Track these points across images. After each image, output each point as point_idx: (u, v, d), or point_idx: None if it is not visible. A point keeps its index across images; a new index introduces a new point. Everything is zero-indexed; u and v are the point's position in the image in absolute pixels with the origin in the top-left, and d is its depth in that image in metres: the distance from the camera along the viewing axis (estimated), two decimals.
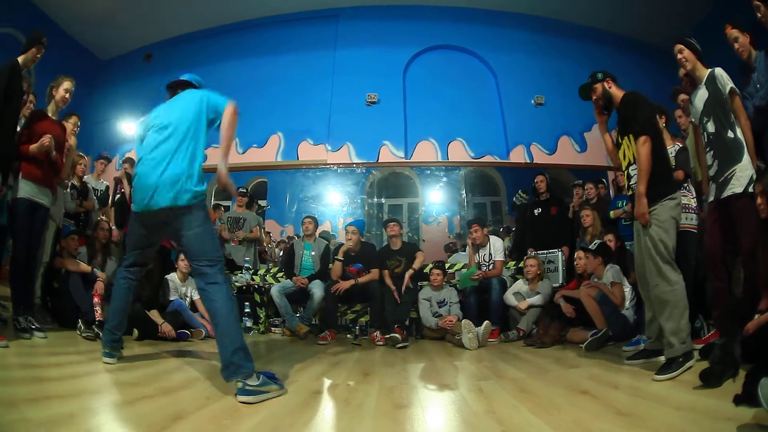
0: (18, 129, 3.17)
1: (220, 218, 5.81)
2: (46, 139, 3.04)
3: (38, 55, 3.04)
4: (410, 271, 4.31)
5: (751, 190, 2.36)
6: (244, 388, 1.75)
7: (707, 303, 2.89)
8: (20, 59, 2.94)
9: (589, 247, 4.02)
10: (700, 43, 2.70)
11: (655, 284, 2.30)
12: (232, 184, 2.24)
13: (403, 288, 4.24)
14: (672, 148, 3.17)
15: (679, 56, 2.69)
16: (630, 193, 2.58)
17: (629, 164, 2.50)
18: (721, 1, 6.42)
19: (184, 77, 2.51)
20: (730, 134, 2.49)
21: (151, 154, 2.18)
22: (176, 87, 2.49)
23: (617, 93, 2.60)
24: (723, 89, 2.52)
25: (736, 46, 2.86)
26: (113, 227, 4.46)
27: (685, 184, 3.21)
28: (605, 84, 2.61)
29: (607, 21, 7.55)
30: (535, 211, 5.26)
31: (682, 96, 3.28)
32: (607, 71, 2.65)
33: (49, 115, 3.29)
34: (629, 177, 2.52)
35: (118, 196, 5.25)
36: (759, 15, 2.78)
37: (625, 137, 2.50)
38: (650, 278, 2.33)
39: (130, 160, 5.30)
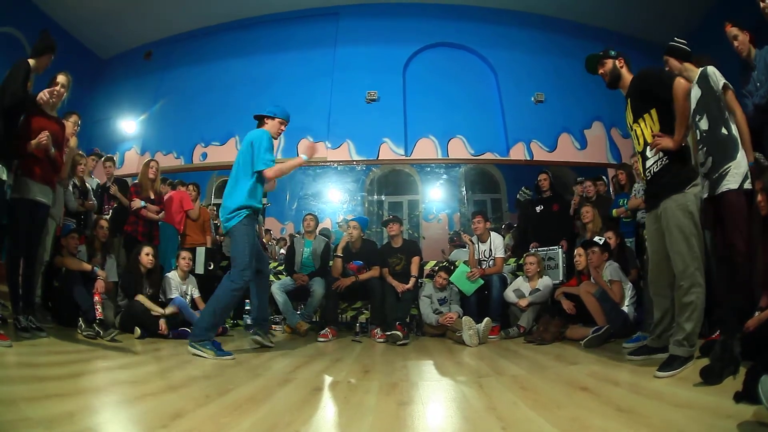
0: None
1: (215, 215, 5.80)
2: (44, 136, 2.99)
3: (49, 62, 3.04)
4: (412, 280, 4.32)
5: (746, 186, 2.35)
6: (190, 343, 2.75)
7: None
8: (31, 62, 2.94)
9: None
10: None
11: (680, 284, 2.22)
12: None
13: (406, 288, 4.25)
14: None
15: (667, 68, 2.73)
16: (644, 181, 2.50)
17: (645, 147, 2.41)
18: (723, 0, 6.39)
19: (264, 112, 3.39)
20: (724, 131, 2.46)
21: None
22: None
23: (627, 75, 2.53)
24: (715, 86, 2.51)
25: (736, 44, 2.85)
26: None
27: None
28: (617, 62, 2.55)
29: (607, 19, 7.52)
30: (537, 208, 5.26)
31: None
32: (622, 51, 2.58)
33: (47, 111, 3.26)
34: (645, 158, 2.42)
35: (110, 212, 4.79)
36: (762, 5, 2.76)
37: (640, 119, 2.40)
38: (679, 277, 2.23)
39: (111, 159, 5.27)
